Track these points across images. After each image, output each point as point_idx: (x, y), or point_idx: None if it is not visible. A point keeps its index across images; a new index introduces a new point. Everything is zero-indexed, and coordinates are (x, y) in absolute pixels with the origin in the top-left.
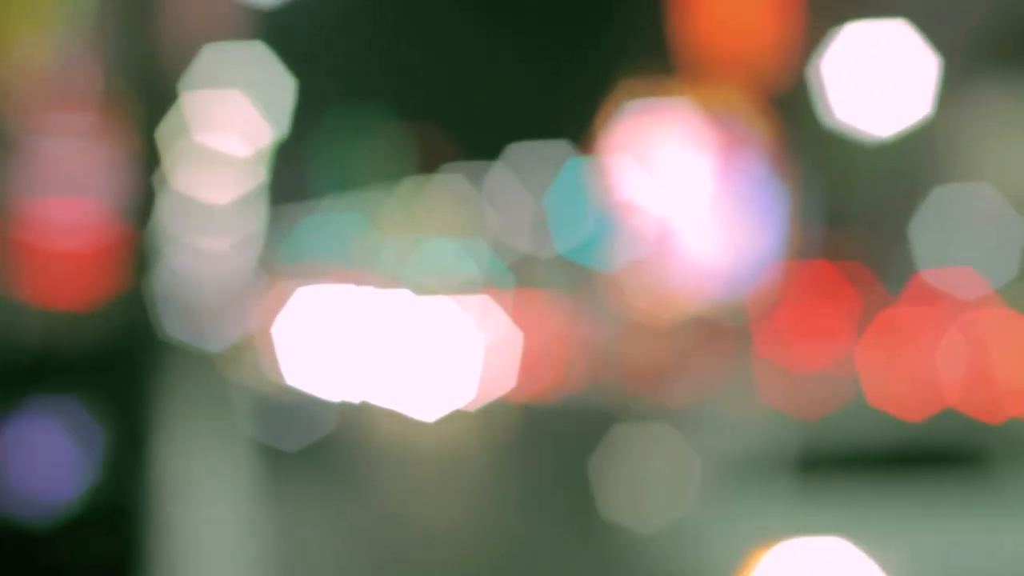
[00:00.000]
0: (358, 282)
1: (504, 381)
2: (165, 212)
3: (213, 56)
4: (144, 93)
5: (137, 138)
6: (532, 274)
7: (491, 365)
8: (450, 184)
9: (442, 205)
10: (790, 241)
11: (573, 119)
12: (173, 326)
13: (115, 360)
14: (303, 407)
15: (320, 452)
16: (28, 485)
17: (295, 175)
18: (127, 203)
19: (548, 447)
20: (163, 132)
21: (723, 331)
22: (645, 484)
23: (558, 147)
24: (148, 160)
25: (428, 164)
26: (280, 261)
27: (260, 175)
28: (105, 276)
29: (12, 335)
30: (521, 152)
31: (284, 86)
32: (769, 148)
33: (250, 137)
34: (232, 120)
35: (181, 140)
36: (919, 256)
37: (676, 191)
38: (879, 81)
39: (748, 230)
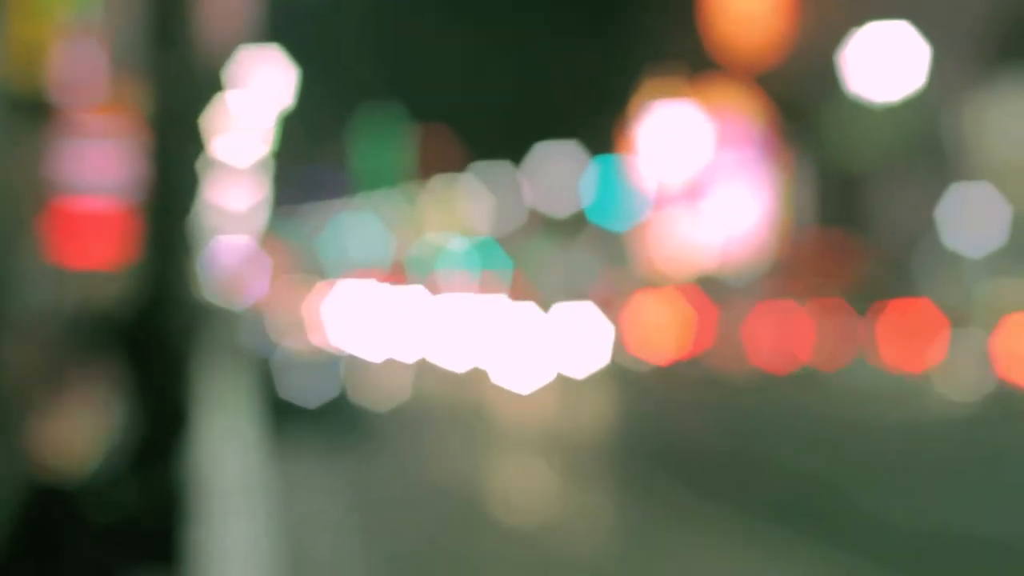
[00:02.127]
0: (391, 280)
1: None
2: (199, 187)
3: (242, 56)
4: (182, 90)
5: (173, 128)
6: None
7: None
8: (473, 183)
9: (466, 203)
10: (788, 219)
11: (595, 118)
12: (205, 287)
13: (149, 320)
14: (334, 366)
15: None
16: (66, 442)
17: (328, 175)
18: (160, 185)
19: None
20: (201, 122)
21: (727, 292)
22: None
23: (581, 145)
24: (180, 146)
25: (455, 164)
26: (320, 256)
27: (271, 144)
28: (137, 242)
29: (49, 298)
30: (546, 150)
31: (305, 86)
32: (776, 138)
33: (268, 129)
34: (256, 114)
35: (214, 130)
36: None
37: (695, 181)
38: (883, 67)
39: (751, 208)
